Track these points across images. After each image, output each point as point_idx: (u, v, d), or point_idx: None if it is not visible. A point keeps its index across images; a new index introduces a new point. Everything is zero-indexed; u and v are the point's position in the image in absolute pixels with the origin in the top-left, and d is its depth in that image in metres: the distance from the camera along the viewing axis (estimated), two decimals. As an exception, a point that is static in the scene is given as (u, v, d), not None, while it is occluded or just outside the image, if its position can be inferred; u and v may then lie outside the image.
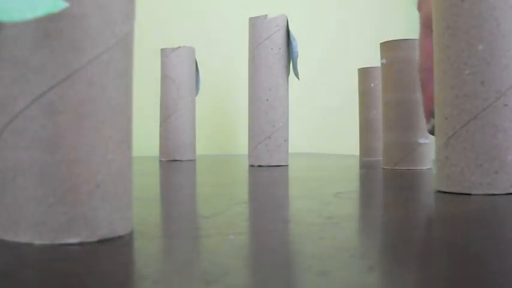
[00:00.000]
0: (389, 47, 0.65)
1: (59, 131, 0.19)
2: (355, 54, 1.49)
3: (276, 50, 0.70)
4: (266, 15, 0.71)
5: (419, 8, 0.48)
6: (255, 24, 0.71)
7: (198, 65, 0.93)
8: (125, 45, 0.21)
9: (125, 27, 0.21)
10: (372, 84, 0.88)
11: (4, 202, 0.20)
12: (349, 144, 1.27)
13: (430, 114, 0.48)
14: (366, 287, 0.14)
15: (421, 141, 0.63)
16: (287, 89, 0.72)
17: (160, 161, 0.86)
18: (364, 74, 0.89)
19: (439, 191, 0.38)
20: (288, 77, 0.72)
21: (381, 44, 0.67)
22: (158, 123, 0.90)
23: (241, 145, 1.26)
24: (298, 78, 0.72)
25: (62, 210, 0.19)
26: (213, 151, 1.27)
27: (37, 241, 0.19)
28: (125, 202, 0.22)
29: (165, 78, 0.87)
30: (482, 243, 0.20)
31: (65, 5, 0.18)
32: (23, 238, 0.19)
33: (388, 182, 0.48)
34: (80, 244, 0.20)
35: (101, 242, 0.20)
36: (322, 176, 0.54)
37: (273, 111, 0.70)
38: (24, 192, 0.19)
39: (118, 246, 0.20)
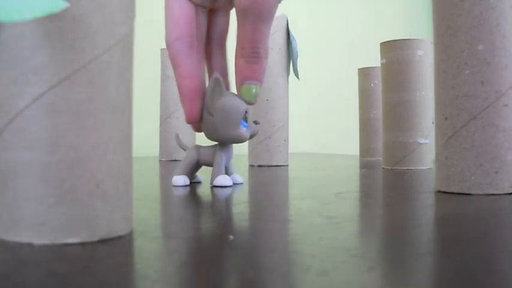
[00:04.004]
0: (389, 47, 0.65)
1: (59, 131, 0.19)
2: (355, 54, 1.49)
3: (276, 50, 0.70)
4: (266, 15, 0.71)
5: None
6: (255, 24, 0.71)
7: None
8: (125, 45, 0.21)
9: (124, 27, 0.21)
10: (372, 84, 0.88)
11: (4, 202, 0.20)
12: (349, 144, 1.27)
13: (192, 99, 0.39)
14: (365, 287, 0.14)
15: (421, 141, 0.63)
16: (287, 89, 0.72)
17: (160, 161, 0.86)
18: (364, 74, 0.89)
19: (439, 191, 0.38)
20: (288, 77, 0.72)
21: (381, 44, 0.67)
22: (158, 123, 0.90)
23: (241, 145, 1.26)
24: (298, 78, 0.72)
25: (62, 210, 0.19)
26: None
27: (37, 241, 0.19)
28: (125, 202, 0.22)
29: (165, 78, 0.87)
30: (482, 243, 0.20)
31: (66, 5, 0.18)
32: (23, 238, 0.19)
33: (388, 182, 0.48)
34: (80, 244, 0.20)
35: (101, 242, 0.20)
36: (322, 176, 0.54)
37: (273, 111, 0.70)
38: (24, 192, 0.19)
39: (118, 246, 0.20)
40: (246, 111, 0.40)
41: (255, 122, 0.43)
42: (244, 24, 0.37)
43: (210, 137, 0.41)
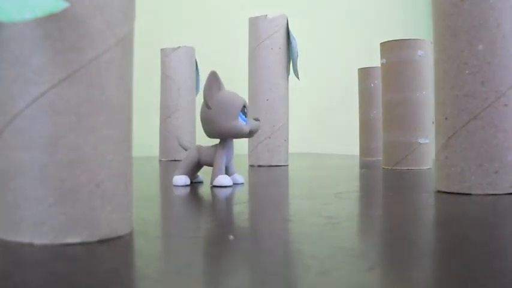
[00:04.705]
0: (389, 47, 0.65)
1: (59, 131, 0.19)
2: (355, 54, 1.49)
3: (276, 50, 0.70)
4: (266, 15, 0.71)
5: None
6: (255, 24, 0.71)
7: (198, 65, 0.93)
8: (125, 45, 0.21)
9: (124, 27, 0.21)
10: (372, 84, 0.88)
11: (4, 202, 0.20)
12: (349, 144, 1.27)
13: None
14: (365, 287, 0.14)
15: (421, 141, 0.63)
16: (287, 89, 0.72)
17: (160, 161, 0.86)
18: (364, 74, 0.89)
19: (439, 191, 0.38)
20: (288, 77, 0.72)
21: (381, 44, 0.67)
22: (158, 123, 0.90)
23: (241, 145, 1.26)
24: (298, 78, 0.72)
25: (62, 210, 0.19)
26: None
27: (37, 241, 0.19)
28: (125, 202, 0.22)
29: (165, 78, 0.87)
30: (482, 243, 0.20)
31: (66, 5, 0.18)
32: (23, 238, 0.19)
33: (388, 182, 0.48)
34: (80, 244, 0.20)
35: (101, 242, 0.20)
36: (322, 176, 0.54)
37: (273, 111, 0.70)
38: (24, 192, 0.19)
39: (118, 246, 0.20)
40: (244, 106, 0.41)
41: (256, 119, 0.43)
42: None
43: (208, 131, 0.41)
